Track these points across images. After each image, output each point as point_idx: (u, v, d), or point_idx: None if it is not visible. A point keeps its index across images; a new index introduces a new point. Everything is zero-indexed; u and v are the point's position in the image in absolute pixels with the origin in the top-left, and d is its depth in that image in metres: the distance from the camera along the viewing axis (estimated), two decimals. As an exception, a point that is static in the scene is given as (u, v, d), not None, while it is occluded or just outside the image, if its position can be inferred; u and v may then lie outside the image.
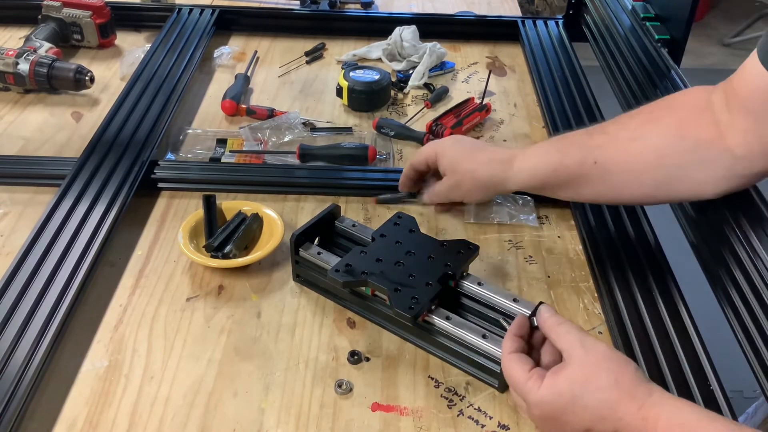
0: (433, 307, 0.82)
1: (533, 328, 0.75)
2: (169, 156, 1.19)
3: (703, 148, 0.81)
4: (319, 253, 0.90)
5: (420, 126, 1.27)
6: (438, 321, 0.82)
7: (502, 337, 0.78)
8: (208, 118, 1.31)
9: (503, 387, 0.79)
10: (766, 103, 0.78)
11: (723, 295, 0.84)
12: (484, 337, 0.79)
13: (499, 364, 0.77)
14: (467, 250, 0.88)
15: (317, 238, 0.94)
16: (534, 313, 0.75)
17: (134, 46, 1.52)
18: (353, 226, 0.95)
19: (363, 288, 0.86)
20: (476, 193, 0.98)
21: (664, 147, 0.82)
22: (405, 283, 0.83)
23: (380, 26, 1.57)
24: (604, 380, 0.64)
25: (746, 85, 0.81)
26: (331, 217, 0.95)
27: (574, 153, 0.86)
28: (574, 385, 0.65)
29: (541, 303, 0.76)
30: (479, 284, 0.86)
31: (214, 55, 1.48)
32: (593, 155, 0.84)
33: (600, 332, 0.88)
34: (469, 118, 1.27)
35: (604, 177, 0.84)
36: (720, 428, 0.59)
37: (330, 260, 0.88)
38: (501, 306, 0.84)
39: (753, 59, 0.81)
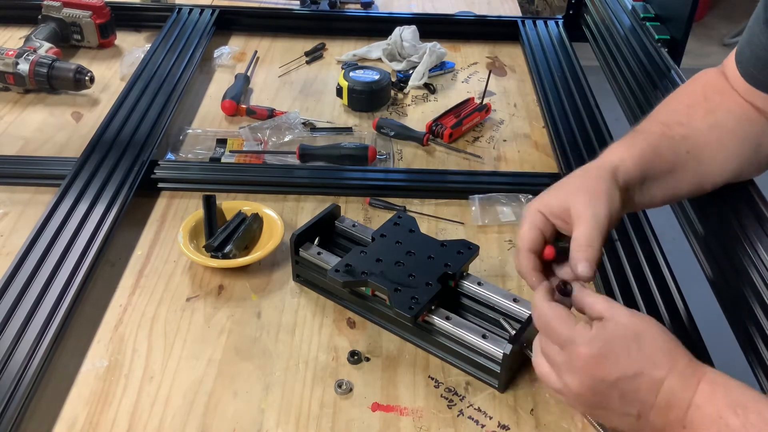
0: (432, 307, 0.82)
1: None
2: (169, 156, 1.19)
3: (764, 127, 0.84)
4: (319, 253, 0.90)
5: (420, 126, 1.27)
6: (438, 321, 0.82)
7: (502, 338, 0.78)
8: (208, 118, 1.31)
9: (503, 387, 0.79)
10: (760, 102, 0.83)
11: (723, 295, 0.84)
12: (484, 337, 0.79)
13: (499, 364, 0.77)
14: (467, 250, 0.88)
15: (317, 238, 0.94)
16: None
17: (134, 46, 1.52)
18: (353, 226, 0.95)
19: (363, 288, 0.86)
20: (613, 193, 0.72)
21: (740, 130, 0.83)
22: (405, 283, 0.82)
23: (380, 26, 1.57)
24: (657, 330, 0.63)
25: (734, 82, 0.85)
26: (331, 217, 0.95)
27: (665, 145, 0.80)
28: (628, 329, 0.62)
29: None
30: (479, 284, 0.86)
31: (214, 55, 1.48)
32: (683, 146, 0.81)
33: (600, 332, 0.88)
34: (469, 118, 1.27)
35: (697, 167, 0.82)
36: (754, 394, 0.60)
37: (330, 260, 0.88)
38: (501, 306, 0.84)
39: (732, 59, 0.85)
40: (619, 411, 0.63)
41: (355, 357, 0.83)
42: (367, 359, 0.84)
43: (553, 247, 0.71)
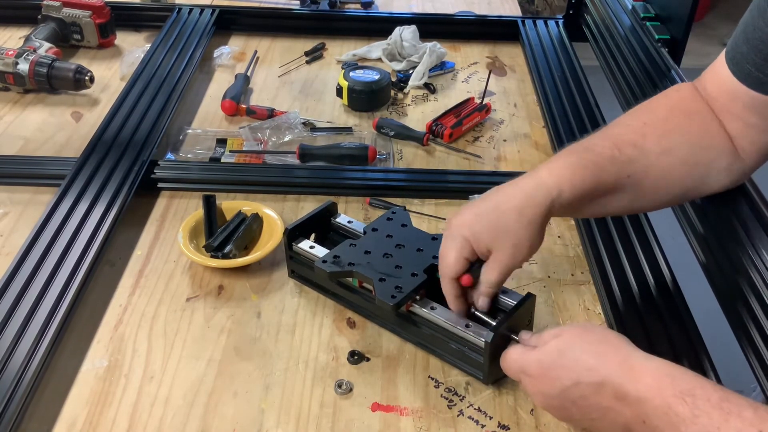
0: (417, 297, 0.82)
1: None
2: (169, 156, 1.19)
3: (721, 155, 0.83)
4: (311, 247, 0.90)
5: (420, 126, 1.27)
6: (422, 311, 0.81)
7: (486, 327, 0.79)
8: (208, 118, 1.31)
9: (488, 378, 0.79)
10: (744, 107, 0.81)
11: (723, 294, 0.84)
12: (467, 326, 0.79)
13: (481, 354, 0.78)
14: None
15: (313, 235, 0.94)
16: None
17: (134, 46, 1.52)
18: (349, 222, 0.95)
19: (350, 279, 0.86)
20: (537, 241, 0.77)
21: (692, 158, 0.83)
22: (391, 274, 0.82)
23: (380, 26, 1.57)
24: (590, 337, 0.69)
25: (718, 87, 0.84)
26: (327, 213, 0.95)
27: (611, 168, 0.79)
28: (562, 343, 0.69)
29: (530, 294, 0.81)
30: None
31: (214, 55, 1.48)
32: (627, 170, 0.80)
33: (600, 332, 0.88)
34: (469, 118, 1.27)
35: (636, 190, 0.81)
36: (702, 381, 0.61)
37: (322, 254, 0.88)
38: None
39: (722, 61, 0.84)
40: (586, 418, 0.68)
41: (355, 357, 0.83)
42: (367, 359, 0.84)
43: (471, 277, 0.78)
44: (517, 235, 0.75)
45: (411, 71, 1.44)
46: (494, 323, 0.77)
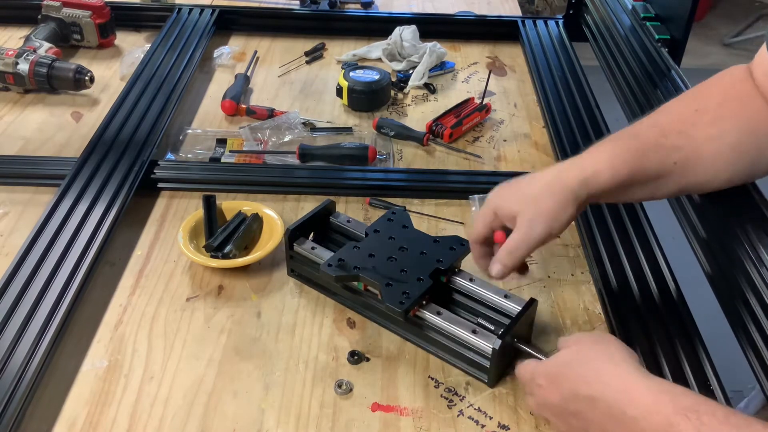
0: (424, 302, 0.82)
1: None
2: (169, 156, 1.19)
3: (764, 143, 0.83)
4: (313, 248, 0.90)
5: (420, 126, 1.27)
6: (429, 316, 0.82)
7: (492, 333, 0.79)
8: (208, 118, 1.31)
9: (493, 381, 0.80)
10: None
11: (723, 294, 0.84)
12: (474, 332, 0.79)
13: (488, 359, 0.78)
14: (460, 246, 0.88)
15: (312, 234, 0.94)
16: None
17: (134, 46, 1.52)
18: (348, 221, 0.95)
19: (355, 283, 0.86)
20: (561, 214, 0.78)
21: (742, 144, 0.82)
22: (397, 278, 0.83)
23: (380, 26, 1.57)
24: (597, 350, 0.70)
25: (764, 71, 0.83)
26: (326, 212, 0.96)
27: (654, 156, 0.80)
28: (570, 354, 0.71)
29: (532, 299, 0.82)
30: (471, 280, 0.86)
31: (214, 55, 1.48)
32: (672, 157, 0.81)
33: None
34: (469, 118, 1.27)
35: (683, 175, 0.82)
36: (704, 399, 0.61)
37: (323, 255, 0.88)
38: (492, 302, 0.84)
39: (762, 55, 0.83)
40: None
41: (355, 357, 0.83)
42: (367, 359, 0.84)
43: (504, 233, 0.82)
44: (540, 203, 0.77)
45: (411, 71, 1.44)
46: (501, 329, 0.78)
